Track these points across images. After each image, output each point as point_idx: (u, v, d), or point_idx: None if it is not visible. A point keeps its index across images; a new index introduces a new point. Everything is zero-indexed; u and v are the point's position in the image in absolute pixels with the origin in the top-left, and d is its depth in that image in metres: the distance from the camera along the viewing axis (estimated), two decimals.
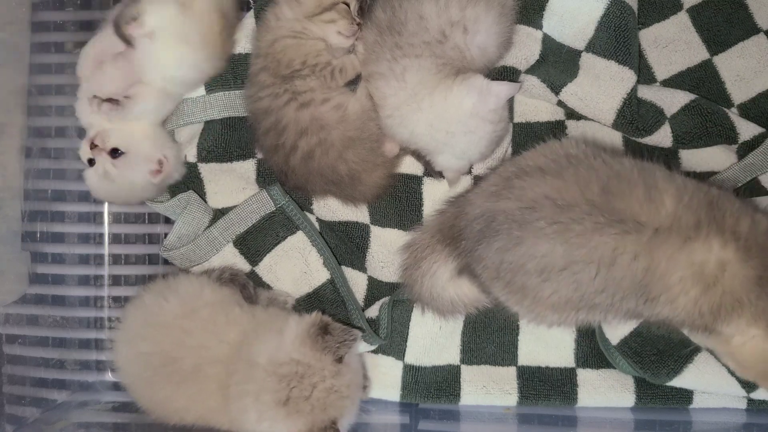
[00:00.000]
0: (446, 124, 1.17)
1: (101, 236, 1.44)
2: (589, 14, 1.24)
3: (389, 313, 1.30)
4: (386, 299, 1.32)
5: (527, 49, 1.29)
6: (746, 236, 1.04)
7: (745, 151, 1.28)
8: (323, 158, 1.23)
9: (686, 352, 1.24)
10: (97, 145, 1.25)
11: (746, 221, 1.05)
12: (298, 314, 1.15)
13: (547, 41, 1.29)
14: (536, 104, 1.34)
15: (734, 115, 1.29)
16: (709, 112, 1.27)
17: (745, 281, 1.03)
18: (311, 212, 1.37)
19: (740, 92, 1.33)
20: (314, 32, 1.24)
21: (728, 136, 1.28)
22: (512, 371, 1.31)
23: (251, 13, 1.33)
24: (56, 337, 1.40)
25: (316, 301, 1.34)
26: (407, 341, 1.32)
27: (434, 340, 1.32)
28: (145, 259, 1.45)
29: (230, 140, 1.36)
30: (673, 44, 1.34)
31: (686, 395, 1.27)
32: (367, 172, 1.27)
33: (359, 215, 1.35)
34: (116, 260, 1.44)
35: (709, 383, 1.24)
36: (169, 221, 1.40)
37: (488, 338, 1.32)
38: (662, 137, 1.28)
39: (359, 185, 1.28)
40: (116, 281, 1.44)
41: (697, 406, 1.28)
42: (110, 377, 1.41)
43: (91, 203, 1.41)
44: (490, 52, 1.20)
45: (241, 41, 1.33)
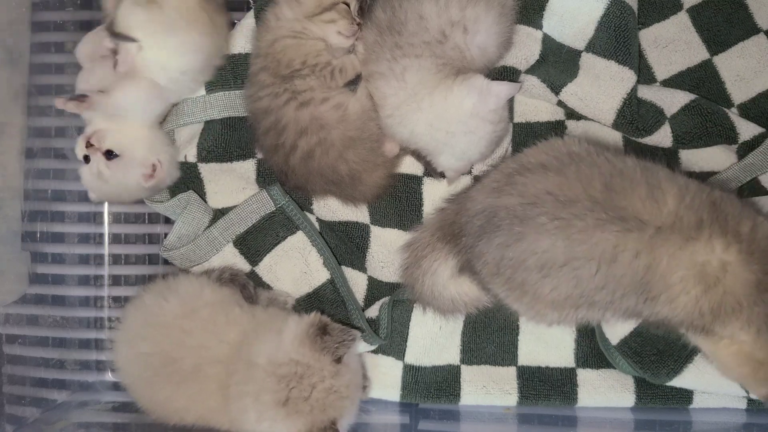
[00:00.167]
0: (446, 124, 1.17)
1: (101, 236, 1.44)
2: (589, 14, 1.24)
3: (389, 313, 1.30)
4: (386, 299, 1.32)
5: (527, 49, 1.29)
6: (748, 239, 1.04)
7: (745, 151, 1.28)
8: (323, 158, 1.23)
9: (686, 352, 1.23)
10: (92, 144, 1.25)
11: (748, 224, 1.05)
12: (297, 314, 1.15)
13: (547, 41, 1.29)
14: (536, 104, 1.34)
15: (734, 115, 1.29)
16: (709, 112, 1.27)
17: (745, 284, 1.03)
18: (311, 212, 1.37)
19: (740, 92, 1.32)
20: (314, 32, 1.24)
21: (728, 136, 1.28)
22: (512, 371, 1.31)
23: (251, 13, 1.33)
24: (56, 337, 1.40)
25: (316, 301, 1.34)
26: (407, 341, 1.32)
27: (434, 340, 1.32)
28: (145, 259, 1.45)
29: (230, 140, 1.36)
30: (673, 44, 1.34)
31: (686, 395, 1.27)
32: (367, 172, 1.27)
33: (359, 215, 1.35)
34: (116, 260, 1.44)
35: (709, 383, 1.24)
36: (169, 221, 1.40)
37: (488, 338, 1.32)
38: (662, 137, 1.28)
39: (359, 185, 1.28)
40: (116, 281, 1.44)
41: (697, 406, 1.28)
42: (110, 377, 1.41)
43: (91, 203, 1.41)
44: (490, 52, 1.20)
45: (240, 40, 1.33)
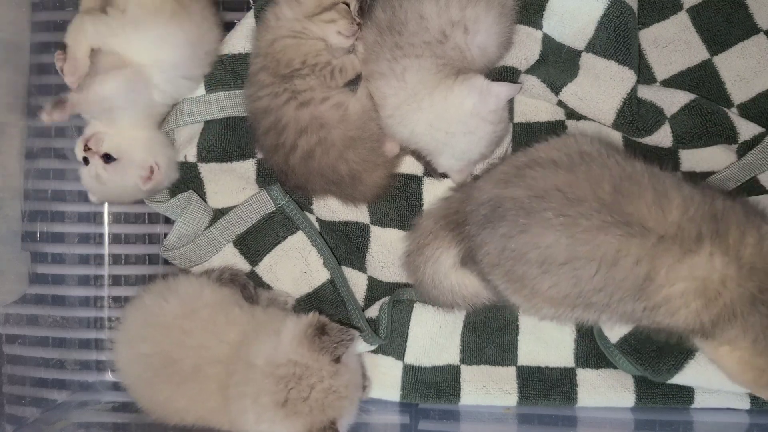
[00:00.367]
0: (446, 124, 1.17)
1: (101, 236, 1.44)
2: (589, 14, 1.24)
3: (389, 313, 1.30)
4: (386, 299, 1.32)
5: (527, 49, 1.29)
6: (749, 254, 1.04)
7: (745, 150, 1.28)
8: (323, 158, 1.23)
9: (686, 348, 1.23)
10: (90, 148, 1.25)
11: (752, 235, 1.05)
12: (295, 315, 1.15)
13: (547, 41, 1.29)
14: (536, 104, 1.34)
15: (734, 114, 1.29)
16: (709, 112, 1.27)
17: (741, 297, 1.04)
18: (311, 212, 1.37)
19: (740, 92, 1.32)
20: (314, 32, 1.24)
21: (728, 135, 1.28)
22: (512, 371, 1.31)
23: (251, 13, 1.33)
24: (56, 337, 1.41)
25: (316, 301, 1.34)
26: (407, 341, 1.32)
27: (434, 340, 1.32)
28: (145, 259, 1.45)
29: (230, 140, 1.36)
30: (673, 44, 1.34)
31: (687, 395, 1.27)
32: (367, 171, 1.27)
33: (359, 215, 1.35)
34: (116, 260, 1.44)
35: (710, 380, 1.23)
36: (169, 221, 1.40)
37: (488, 338, 1.32)
38: (662, 137, 1.28)
39: (359, 185, 1.28)
40: (116, 281, 1.44)
41: (698, 405, 1.27)
42: (110, 377, 1.42)
43: (91, 203, 1.40)
44: (490, 52, 1.20)
45: (240, 40, 1.33)
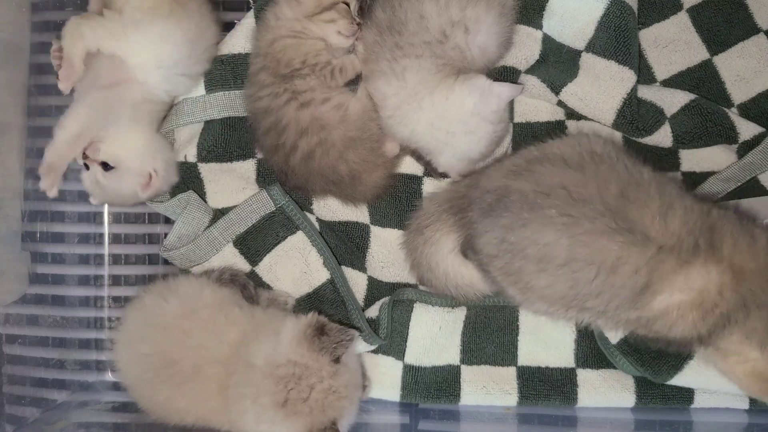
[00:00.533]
0: (447, 123, 1.17)
1: (101, 236, 1.44)
2: (589, 14, 1.24)
3: (389, 313, 1.30)
4: (386, 299, 1.32)
5: (527, 49, 1.29)
6: (743, 258, 1.04)
7: (745, 150, 1.28)
8: (324, 158, 1.23)
9: (686, 349, 1.23)
10: (88, 156, 1.25)
11: (745, 240, 1.05)
12: (294, 315, 1.15)
13: (547, 41, 1.29)
14: (536, 104, 1.34)
15: (734, 114, 1.29)
16: (709, 112, 1.27)
17: (736, 303, 1.04)
18: (311, 212, 1.37)
19: (740, 92, 1.32)
20: (314, 32, 1.24)
21: (728, 135, 1.28)
22: (512, 371, 1.31)
23: (251, 12, 1.33)
24: (56, 337, 1.41)
25: (316, 301, 1.34)
26: (407, 341, 1.32)
27: (434, 340, 1.32)
28: (145, 259, 1.45)
29: (230, 140, 1.36)
30: (673, 44, 1.34)
31: (687, 395, 1.27)
32: (367, 172, 1.27)
33: (359, 215, 1.35)
34: (116, 260, 1.44)
35: (709, 380, 1.24)
36: (169, 221, 1.40)
37: (488, 338, 1.32)
38: (662, 137, 1.28)
39: (359, 185, 1.28)
40: (116, 281, 1.44)
41: (698, 405, 1.27)
42: (110, 377, 1.41)
43: (91, 203, 1.41)
44: (490, 52, 1.20)
45: (240, 40, 1.33)
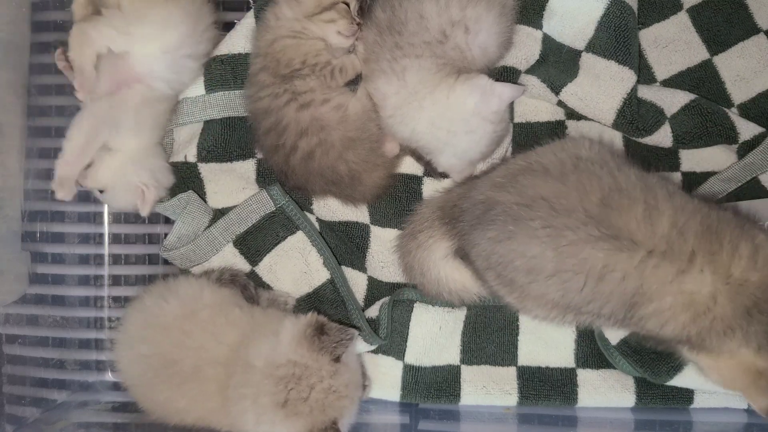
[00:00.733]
0: (448, 122, 1.17)
1: (101, 236, 1.44)
2: (589, 14, 1.24)
3: (389, 313, 1.30)
4: (386, 299, 1.32)
5: (527, 49, 1.29)
6: (743, 267, 1.03)
7: (745, 150, 1.28)
8: (323, 158, 1.23)
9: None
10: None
11: (746, 247, 1.04)
12: (294, 315, 1.15)
13: (547, 41, 1.29)
14: (536, 104, 1.34)
15: (734, 114, 1.29)
16: (709, 112, 1.27)
17: (735, 311, 1.03)
18: (311, 212, 1.37)
19: (740, 92, 1.32)
20: (314, 32, 1.24)
21: (728, 135, 1.28)
22: (512, 371, 1.31)
23: (251, 12, 1.33)
24: (56, 337, 1.40)
25: (316, 301, 1.34)
26: (407, 341, 1.32)
27: (434, 340, 1.32)
28: (145, 259, 1.45)
29: (230, 140, 1.36)
30: (673, 44, 1.34)
31: (687, 395, 1.27)
32: (367, 172, 1.27)
33: (359, 215, 1.35)
34: (116, 260, 1.44)
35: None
36: (169, 221, 1.40)
37: (488, 338, 1.32)
38: (662, 137, 1.28)
39: (359, 185, 1.28)
40: (116, 281, 1.44)
41: (698, 405, 1.27)
42: (110, 377, 1.42)
43: (91, 203, 1.41)
44: (491, 52, 1.20)
45: (240, 40, 1.33)
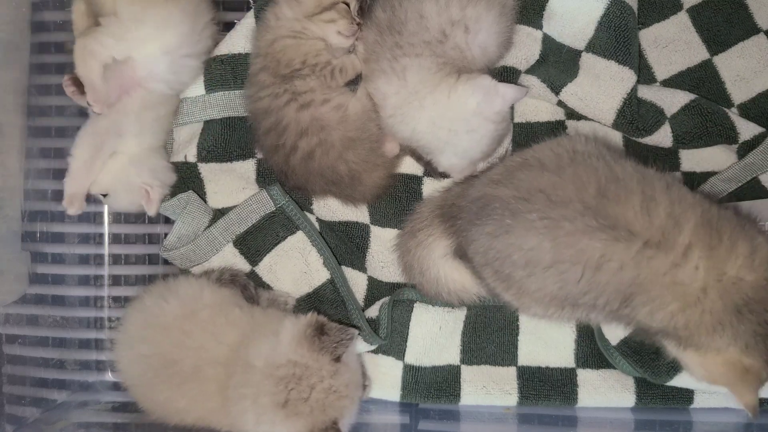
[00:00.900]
0: (449, 122, 1.17)
1: (101, 236, 1.44)
2: (589, 14, 1.24)
3: (389, 313, 1.30)
4: (386, 299, 1.32)
5: (527, 49, 1.29)
6: (739, 266, 1.03)
7: (745, 150, 1.28)
8: (323, 158, 1.23)
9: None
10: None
11: (744, 246, 1.04)
12: (294, 315, 1.15)
13: (547, 41, 1.29)
14: (536, 104, 1.34)
15: (734, 115, 1.29)
16: (709, 112, 1.27)
17: (726, 307, 1.03)
18: (311, 212, 1.37)
19: (740, 92, 1.32)
20: (314, 32, 1.24)
21: (728, 135, 1.28)
22: (512, 371, 1.31)
23: (251, 12, 1.33)
24: (56, 337, 1.40)
25: (316, 301, 1.34)
26: (407, 341, 1.32)
27: (434, 340, 1.32)
28: (145, 259, 1.45)
29: (230, 140, 1.36)
30: (673, 44, 1.34)
31: (687, 395, 1.27)
32: (367, 172, 1.27)
33: (359, 215, 1.35)
34: (116, 260, 1.44)
35: None
36: (169, 221, 1.40)
37: (488, 338, 1.32)
38: (662, 137, 1.28)
39: (359, 185, 1.28)
40: (116, 281, 1.44)
41: (698, 405, 1.27)
42: (110, 377, 1.42)
43: (91, 203, 1.41)
44: (490, 51, 1.20)
45: (240, 40, 1.33)
